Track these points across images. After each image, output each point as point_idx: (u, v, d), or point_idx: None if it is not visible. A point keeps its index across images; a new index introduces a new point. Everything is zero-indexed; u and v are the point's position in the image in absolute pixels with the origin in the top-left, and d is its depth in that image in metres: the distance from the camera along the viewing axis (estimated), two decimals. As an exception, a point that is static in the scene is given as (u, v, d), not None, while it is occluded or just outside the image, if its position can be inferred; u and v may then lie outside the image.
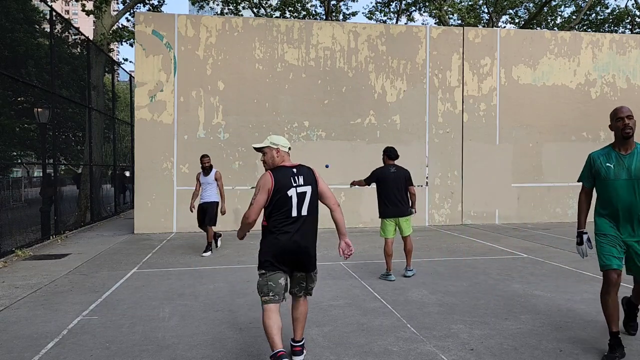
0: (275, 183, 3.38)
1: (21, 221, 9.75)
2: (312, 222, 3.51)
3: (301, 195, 3.42)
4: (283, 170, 3.46)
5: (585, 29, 27.20)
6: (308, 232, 3.47)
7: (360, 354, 3.83)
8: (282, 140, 3.59)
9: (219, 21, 11.70)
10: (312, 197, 3.48)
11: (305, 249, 3.44)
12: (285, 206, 3.38)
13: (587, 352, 3.85)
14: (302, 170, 3.51)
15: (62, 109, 12.38)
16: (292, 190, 3.40)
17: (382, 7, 26.26)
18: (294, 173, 3.46)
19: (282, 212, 3.38)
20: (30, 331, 4.43)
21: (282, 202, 3.37)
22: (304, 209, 3.44)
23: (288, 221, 3.39)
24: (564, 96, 13.08)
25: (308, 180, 3.48)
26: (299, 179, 3.44)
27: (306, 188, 3.45)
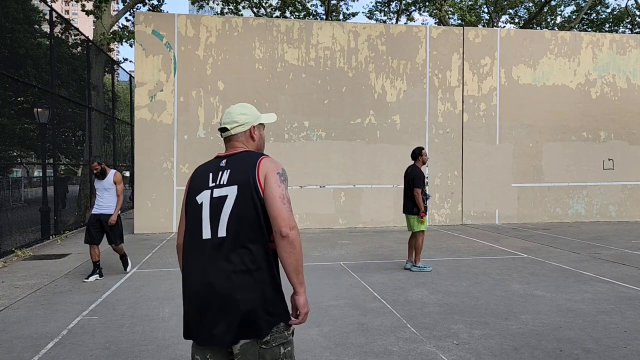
0: (190, 183, 2.10)
1: (21, 221, 9.76)
2: (240, 251, 1.88)
3: (217, 202, 1.95)
4: (210, 162, 2.13)
5: (586, 28, 27.20)
6: (233, 269, 1.87)
7: (360, 354, 3.83)
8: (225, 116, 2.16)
9: (218, 21, 11.70)
10: (239, 206, 1.91)
11: (227, 298, 1.85)
12: (194, 222, 1.99)
13: (587, 352, 3.85)
14: (235, 161, 2.03)
15: (62, 109, 12.38)
16: (204, 195, 1.99)
17: (382, 7, 26.26)
18: (220, 166, 2.03)
19: (191, 232, 2.00)
20: (30, 331, 4.43)
21: (192, 214, 2.01)
22: (221, 227, 1.91)
23: (196, 248, 1.95)
24: (564, 96, 13.07)
25: (237, 177, 1.96)
26: (222, 176, 2.00)
27: (228, 190, 1.95)
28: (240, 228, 1.89)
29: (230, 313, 1.85)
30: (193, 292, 1.92)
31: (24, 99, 13.27)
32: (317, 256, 8.05)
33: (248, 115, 2.13)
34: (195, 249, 1.95)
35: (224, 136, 2.14)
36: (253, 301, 1.85)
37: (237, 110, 2.13)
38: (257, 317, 1.85)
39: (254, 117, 2.15)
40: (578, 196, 13.11)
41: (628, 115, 13.35)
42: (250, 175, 1.95)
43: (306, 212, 11.78)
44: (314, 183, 11.86)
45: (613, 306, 5.09)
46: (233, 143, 2.12)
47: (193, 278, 1.93)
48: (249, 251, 1.88)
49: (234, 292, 1.85)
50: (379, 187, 12.14)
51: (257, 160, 1.99)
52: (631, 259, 7.73)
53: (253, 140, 2.14)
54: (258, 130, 2.17)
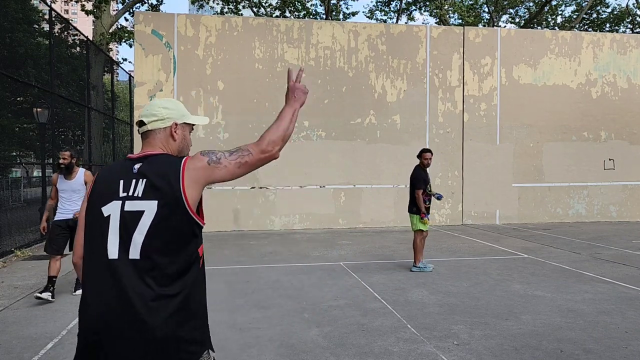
0: (92, 190, 1.73)
1: (20, 221, 9.74)
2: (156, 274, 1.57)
3: (129, 218, 1.60)
4: (119, 164, 1.77)
5: (586, 28, 27.19)
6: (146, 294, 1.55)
7: (361, 355, 3.81)
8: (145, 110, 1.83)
9: (218, 21, 11.68)
10: (159, 225, 1.59)
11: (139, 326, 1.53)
12: (98, 237, 1.63)
13: (588, 352, 3.83)
14: (152, 167, 1.68)
15: (62, 109, 12.36)
16: (112, 207, 1.64)
17: (382, 7, 26.25)
18: (133, 172, 1.68)
19: (93, 249, 1.65)
20: (30, 331, 4.42)
21: (95, 228, 1.65)
22: (134, 247, 1.58)
23: (99, 269, 1.61)
24: (565, 96, 13.06)
25: (156, 189, 1.62)
26: (136, 186, 1.64)
27: (144, 205, 1.61)
28: (158, 249, 1.58)
29: (144, 343, 1.52)
30: (94, 320, 1.56)
31: (23, 99, 13.26)
32: (317, 256, 8.04)
33: (171, 110, 1.80)
34: (98, 270, 1.60)
35: (140, 131, 1.80)
36: (172, 330, 1.54)
37: (159, 103, 1.80)
38: (176, 347, 1.55)
39: (179, 114, 1.82)
40: (579, 196, 13.10)
41: (629, 115, 13.33)
42: (174, 187, 1.61)
43: (306, 212, 11.76)
44: (314, 183, 11.84)
45: (614, 306, 5.08)
46: (150, 141, 1.77)
47: (95, 305, 1.57)
48: (168, 275, 1.57)
49: (147, 318, 1.52)
50: (379, 187, 12.12)
51: (181, 166, 1.65)
52: (632, 259, 7.72)
53: (174, 140, 1.79)
54: (182, 130, 1.82)
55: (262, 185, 11.61)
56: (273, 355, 3.82)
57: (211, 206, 11.33)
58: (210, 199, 11.31)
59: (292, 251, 8.48)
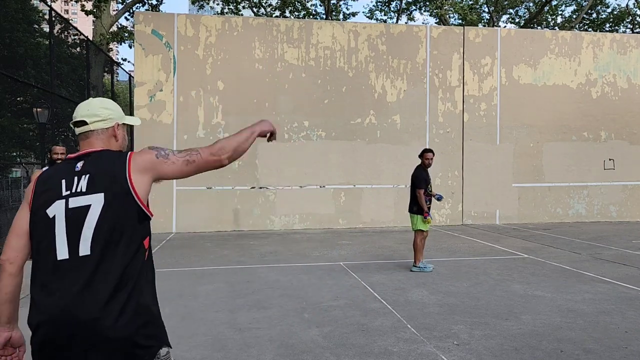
0: (34, 194, 1.68)
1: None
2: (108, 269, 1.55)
3: (76, 214, 1.59)
4: (60, 165, 1.76)
5: (586, 28, 27.19)
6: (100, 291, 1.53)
7: (361, 355, 3.81)
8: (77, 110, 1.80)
9: (218, 21, 11.68)
10: (107, 217, 1.58)
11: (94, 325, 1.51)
12: (44, 240, 1.61)
13: (588, 352, 3.83)
14: (94, 162, 1.68)
15: (62, 109, 12.37)
16: (57, 207, 1.61)
17: (382, 7, 26.24)
18: (76, 171, 1.66)
19: (40, 252, 1.61)
20: (29, 331, 4.41)
21: (40, 231, 1.62)
22: (83, 244, 1.56)
23: (49, 271, 1.58)
24: (565, 96, 13.05)
25: (100, 182, 1.63)
26: (79, 182, 1.63)
27: (90, 199, 1.60)
28: (109, 243, 1.56)
29: (101, 344, 1.50)
30: (48, 324, 1.52)
31: (23, 99, 13.26)
32: (317, 256, 8.04)
33: (112, 111, 1.80)
34: (48, 272, 1.56)
35: (80, 132, 1.76)
36: (127, 327, 1.52)
37: (98, 104, 1.78)
38: (134, 345, 1.53)
39: (119, 115, 1.83)
40: (579, 196, 13.10)
41: (629, 115, 13.33)
42: (119, 177, 1.62)
43: (306, 212, 11.76)
44: (314, 183, 11.84)
45: (614, 306, 5.08)
46: (91, 141, 1.74)
47: (47, 307, 1.53)
48: (121, 269, 1.55)
49: (102, 318, 1.49)
50: (379, 187, 12.12)
51: (126, 158, 1.67)
52: (632, 259, 7.71)
53: (116, 140, 1.80)
54: (122, 130, 1.84)
55: (262, 185, 11.61)
56: (273, 355, 3.82)
57: (211, 206, 11.34)
58: (210, 199, 11.33)
59: (292, 251, 8.48)
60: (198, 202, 11.25)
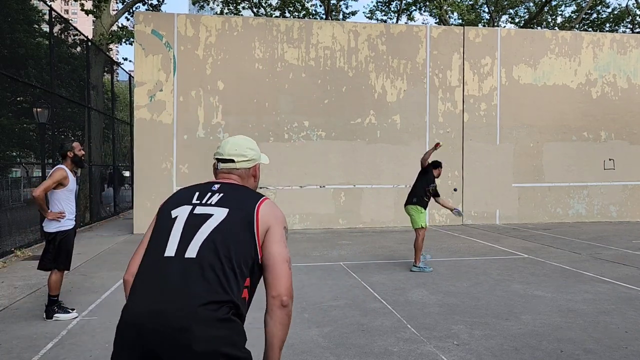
0: (167, 201, 1.79)
1: (20, 221, 9.74)
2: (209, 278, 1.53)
3: (196, 219, 1.64)
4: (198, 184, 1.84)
5: (586, 28, 27.18)
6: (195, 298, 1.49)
7: (361, 355, 3.81)
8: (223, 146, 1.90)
9: (218, 21, 11.68)
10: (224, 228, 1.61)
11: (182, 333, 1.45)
12: (160, 236, 1.65)
13: (588, 352, 3.83)
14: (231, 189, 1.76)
15: (62, 109, 12.36)
16: (182, 210, 1.69)
17: (382, 7, 26.23)
18: (212, 189, 1.76)
19: (153, 247, 1.66)
20: (30, 331, 4.41)
21: (160, 228, 1.69)
22: (192, 247, 1.57)
23: (152, 266, 1.60)
24: (565, 96, 13.05)
25: (230, 202, 1.69)
26: (211, 197, 1.71)
27: (215, 210, 1.65)
28: (217, 253, 1.54)
29: (184, 352, 1.43)
30: (135, 320, 1.50)
31: (23, 99, 13.26)
32: (317, 256, 8.04)
33: (255, 152, 1.89)
34: (152, 267, 1.57)
35: (224, 167, 1.83)
36: (215, 341, 1.46)
37: (245, 144, 1.88)
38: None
39: (258, 155, 1.91)
40: (579, 196, 13.10)
41: (629, 115, 13.33)
42: (249, 206, 1.65)
43: (306, 212, 11.76)
44: (314, 183, 11.84)
45: (614, 306, 5.08)
46: (232, 177, 1.82)
47: (139, 303, 1.51)
48: (220, 281, 1.51)
49: (192, 326, 1.43)
50: (379, 187, 12.12)
51: (259, 199, 1.69)
52: (632, 259, 7.71)
53: (254, 179, 1.89)
54: (259, 170, 1.93)
55: (262, 185, 11.59)
56: (273, 355, 3.82)
57: (211, 206, 11.33)
58: (210, 199, 11.32)
59: (292, 251, 8.46)
60: (198, 202, 11.23)
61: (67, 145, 4.98)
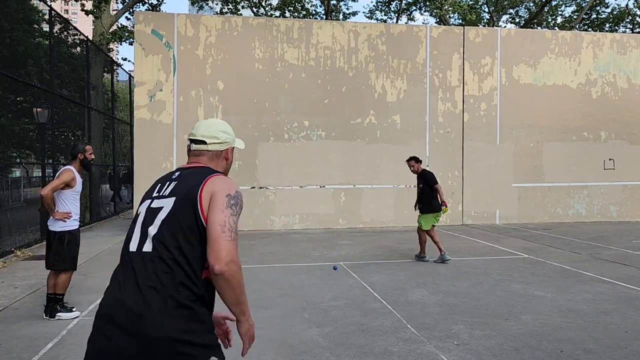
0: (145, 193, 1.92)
1: (20, 221, 9.73)
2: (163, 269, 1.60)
3: (151, 213, 1.73)
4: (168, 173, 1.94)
5: (586, 28, 27.18)
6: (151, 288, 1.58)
7: (361, 355, 3.81)
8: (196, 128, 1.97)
9: (218, 20, 11.68)
10: (170, 220, 1.67)
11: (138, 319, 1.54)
12: (129, 233, 1.77)
13: (588, 352, 3.83)
14: (187, 174, 1.82)
15: (62, 109, 12.36)
16: (144, 205, 1.80)
17: (382, 7, 26.22)
18: (172, 178, 1.84)
19: (124, 242, 1.77)
20: (30, 331, 4.41)
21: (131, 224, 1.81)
22: (148, 241, 1.67)
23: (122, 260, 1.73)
24: (565, 96, 13.05)
25: (179, 189, 1.75)
26: (167, 187, 1.79)
27: (164, 202, 1.73)
28: (166, 245, 1.61)
29: (140, 340, 1.51)
30: (102, 309, 1.63)
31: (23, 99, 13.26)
32: (317, 256, 8.04)
33: (229, 135, 1.96)
34: (121, 260, 1.71)
35: (196, 148, 1.89)
36: (170, 328, 1.52)
37: (219, 127, 1.94)
38: (174, 348, 1.52)
39: (232, 139, 1.98)
40: (579, 196, 13.10)
41: (629, 115, 13.33)
42: (195, 187, 1.69)
43: (306, 212, 11.76)
44: (314, 183, 11.84)
45: (614, 306, 5.08)
46: (201, 158, 1.88)
47: (107, 295, 1.66)
48: (173, 272, 1.58)
49: (146, 315, 1.52)
50: (379, 187, 12.12)
51: (207, 176, 1.73)
52: (632, 259, 7.71)
53: (226, 161, 1.95)
54: (232, 154, 1.98)
55: (262, 185, 11.61)
56: (273, 355, 3.82)
57: (211, 206, 11.33)
58: (210, 199, 11.32)
59: (292, 251, 8.48)
60: (198, 202, 11.24)
61: (80, 147, 5.02)
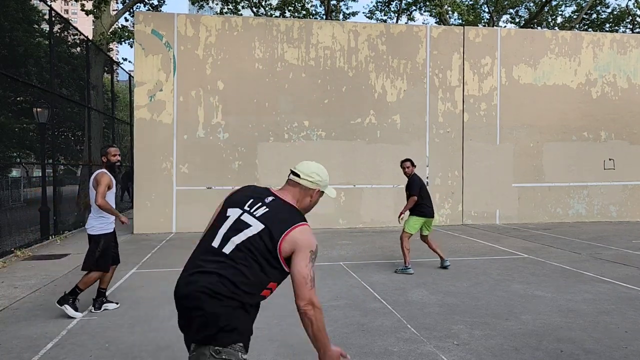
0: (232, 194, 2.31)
1: (20, 221, 9.74)
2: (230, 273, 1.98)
3: (240, 224, 2.08)
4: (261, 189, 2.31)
5: (586, 28, 27.19)
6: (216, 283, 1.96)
7: (361, 355, 3.81)
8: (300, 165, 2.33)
9: (218, 20, 11.68)
10: (252, 242, 2.03)
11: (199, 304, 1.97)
12: (214, 227, 2.14)
13: (588, 352, 3.83)
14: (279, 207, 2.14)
15: (62, 109, 12.36)
16: (234, 212, 2.14)
17: (382, 7, 26.22)
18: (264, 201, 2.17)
19: (208, 233, 2.15)
20: (30, 331, 4.41)
21: (217, 220, 2.18)
22: (229, 245, 2.03)
23: (203, 248, 2.11)
24: (565, 96, 13.05)
25: (269, 221, 2.07)
26: (259, 208, 2.13)
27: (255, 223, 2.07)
28: (242, 256, 2.01)
29: (199, 311, 1.97)
30: (181, 287, 2.06)
31: (23, 99, 13.26)
32: (317, 256, 8.02)
33: (322, 180, 2.26)
34: (203, 249, 2.09)
35: (292, 179, 2.26)
36: (218, 316, 1.95)
37: (317, 170, 2.26)
38: (217, 329, 1.95)
39: (324, 185, 2.27)
40: (579, 196, 13.10)
41: (629, 115, 13.33)
42: (282, 228, 2.04)
43: (306, 212, 11.75)
44: (314, 183, 11.82)
45: (614, 306, 5.08)
46: (291, 189, 2.24)
47: (186, 274, 2.06)
48: (234, 280, 1.97)
49: (206, 294, 1.95)
50: (379, 187, 12.12)
51: (294, 225, 2.06)
52: (632, 259, 7.71)
53: (309, 200, 2.26)
54: (317, 196, 2.27)
55: (262, 185, 11.58)
56: (273, 355, 3.82)
57: (212, 206, 11.26)
58: (210, 199, 11.32)
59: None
60: (198, 202, 11.25)
61: (102, 150, 5.00)
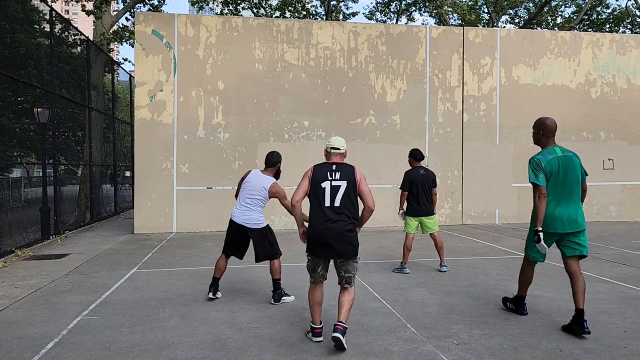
0: (312, 173, 4.06)
1: (21, 221, 9.75)
2: (346, 213, 3.96)
3: (335, 188, 3.96)
4: (325, 165, 4.09)
5: (586, 28, 27.20)
6: (343, 221, 3.93)
7: (361, 354, 3.83)
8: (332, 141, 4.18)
9: (218, 21, 11.69)
10: (346, 192, 3.96)
11: (341, 235, 3.91)
12: (320, 196, 3.97)
13: (587, 352, 3.85)
14: (342, 168, 4.04)
15: (62, 109, 12.38)
16: (326, 183, 3.97)
17: (382, 8, 26.22)
18: (332, 169, 4.03)
19: (316, 201, 3.99)
20: (30, 331, 4.43)
21: (317, 192, 3.99)
22: (336, 201, 3.94)
23: (320, 210, 3.97)
24: (564, 96, 13.07)
25: (345, 177, 4.00)
26: (335, 174, 3.99)
27: (340, 183, 3.97)
28: (346, 203, 3.96)
29: (342, 242, 3.91)
30: (318, 232, 3.94)
31: (24, 99, 13.28)
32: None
33: (345, 145, 4.23)
34: (319, 211, 3.97)
35: (334, 152, 4.15)
36: (352, 239, 3.97)
37: (342, 142, 4.20)
38: (353, 247, 3.97)
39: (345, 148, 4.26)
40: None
41: (628, 115, 13.35)
42: (352, 176, 4.01)
43: (307, 212, 11.74)
44: (314, 183, 11.83)
45: (613, 306, 5.09)
46: (338, 157, 4.15)
47: (317, 224, 3.96)
48: (350, 214, 3.97)
49: (344, 232, 3.91)
50: (379, 187, 12.12)
51: (354, 169, 4.06)
52: (631, 259, 7.72)
53: (344, 158, 4.20)
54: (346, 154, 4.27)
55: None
56: (273, 355, 3.83)
57: (212, 206, 11.35)
58: (210, 198, 11.34)
59: (292, 251, 8.48)
60: (198, 202, 11.26)
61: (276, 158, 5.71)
